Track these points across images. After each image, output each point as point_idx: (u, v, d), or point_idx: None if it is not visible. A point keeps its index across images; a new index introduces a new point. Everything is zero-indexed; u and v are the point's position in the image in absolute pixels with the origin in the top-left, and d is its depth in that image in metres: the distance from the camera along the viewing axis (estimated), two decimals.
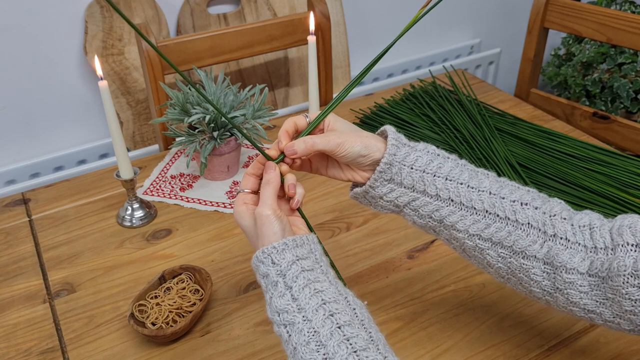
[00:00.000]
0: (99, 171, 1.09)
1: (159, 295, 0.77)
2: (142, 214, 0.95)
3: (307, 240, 0.57)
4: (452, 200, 0.58)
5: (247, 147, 1.13)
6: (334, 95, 0.88)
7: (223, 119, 0.96)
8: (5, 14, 1.19)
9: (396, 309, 0.78)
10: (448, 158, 0.60)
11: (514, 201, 0.58)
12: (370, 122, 1.21)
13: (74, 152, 1.36)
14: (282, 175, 0.61)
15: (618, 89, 1.63)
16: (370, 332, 0.51)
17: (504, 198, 0.58)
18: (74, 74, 1.31)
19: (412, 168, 0.59)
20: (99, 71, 0.83)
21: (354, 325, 0.50)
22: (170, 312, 0.75)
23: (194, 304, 0.76)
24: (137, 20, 1.31)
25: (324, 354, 0.48)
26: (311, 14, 1.01)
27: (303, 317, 0.51)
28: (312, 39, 0.99)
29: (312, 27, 0.99)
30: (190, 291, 0.78)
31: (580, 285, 0.55)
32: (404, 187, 0.60)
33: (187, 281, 0.79)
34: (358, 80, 0.62)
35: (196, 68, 1.04)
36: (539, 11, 1.30)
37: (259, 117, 1.01)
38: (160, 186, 1.03)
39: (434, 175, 0.59)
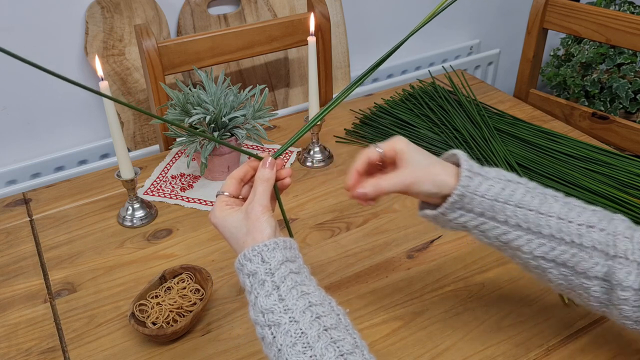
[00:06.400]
0: (99, 171, 1.09)
1: (160, 295, 0.77)
2: (142, 214, 0.95)
3: (293, 244, 0.57)
4: (519, 226, 0.59)
5: (247, 147, 1.13)
6: (334, 96, 0.88)
7: (224, 119, 0.97)
8: (6, 14, 1.19)
9: (396, 309, 0.78)
10: (519, 183, 0.61)
11: (580, 225, 0.58)
12: (370, 122, 1.21)
13: (74, 152, 1.36)
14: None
15: (617, 90, 1.63)
16: (355, 338, 0.50)
17: (571, 222, 0.59)
18: (74, 75, 1.31)
19: (483, 197, 0.59)
20: (100, 72, 0.83)
21: (340, 329, 0.50)
22: (170, 311, 0.75)
23: (195, 303, 0.76)
24: (137, 21, 1.31)
25: (311, 356, 0.47)
26: (311, 15, 1.01)
27: (290, 318, 0.50)
28: (312, 39, 0.99)
29: (312, 27, 0.99)
30: (190, 291, 0.78)
31: (634, 301, 0.56)
32: (474, 214, 0.60)
33: (188, 281, 0.80)
34: (366, 76, 0.63)
35: (196, 69, 1.04)
36: (538, 12, 1.30)
37: (259, 117, 1.01)
38: (160, 186, 1.04)
39: (505, 203, 0.59)
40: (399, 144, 0.62)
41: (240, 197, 0.62)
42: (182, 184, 1.04)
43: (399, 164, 0.62)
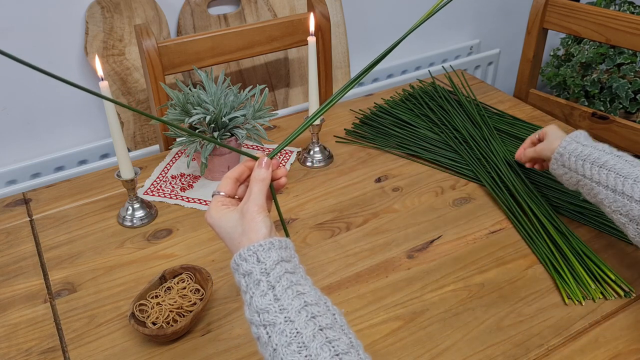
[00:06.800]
0: (99, 171, 1.09)
1: (160, 295, 0.77)
2: (142, 214, 0.95)
3: (289, 244, 0.56)
4: (600, 183, 0.76)
5: (247, 147, 1.13)
6: (336, 91, 0.88)
7: (224, 119, 0.97)
8: (6, 14, 1.19)
9: (396, 309, 0.78)
10: (610, 153, 0.78)
11: None
12: (370, 122, 1.21)
13: (74, 152, 1.36)
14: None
15: (617, 90, 1.63)
16: (350, 337, 0.50)
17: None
18: (74, 75, 1.31)
19: (576, 157, 0.80)
20: (100, 72, 0.83)
21: (335, 329, 0.50)
22: (170, 311, 0.75)
23: (195, 303, 0.76)
24: (137, 21, 1.31)
25: (306, 356, 0.47)
26: (311, 15, 1.01)
27: (285, 317, 0.50)
28: (312, 39, 0.99)
29: (312, 27, 0.99)
30: (190, 291, 0.78)
31: None
32: (569, 169, 0.81)
33: (188, 281, 0.80)
34: (366, 72, 0.63)
35: (196, 69, 1.04)
36: (538, 12, 1.30)
37: (259, 117, 1.01)
38: (160, 186, 1.04)
39: (592, 164, 0.78)
40: (547, 128, 0.90)
41: (236, 197, 0.62)
42: (182, 184, 1.04)
43: (543, 139, 0.91)
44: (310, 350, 0.47)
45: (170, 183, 1.04)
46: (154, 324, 0.74)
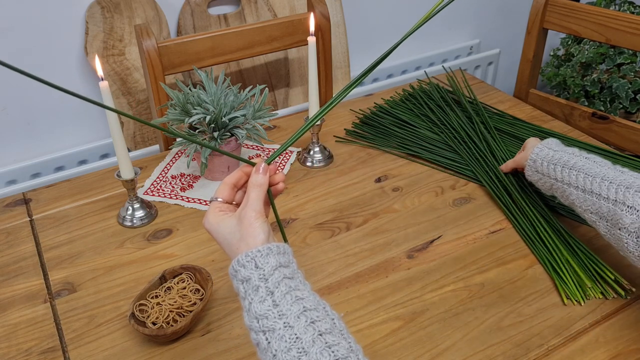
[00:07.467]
0: (99, 171, 1.09)
1: (160, 295, 0.77)
2: (142, 214, 0.95)
3: (287, 249, 0.56)
4: (570, 184, 0.79)
5: (247, 147, 1.13)
6: (334, 96, 0.88)
7: (224, 119, 0.97)
8: (6, 14, 1.19)
9: (396, 309, 0.78)
10: (579, 156, 0.81)
11: (620, 185, 0.72)
12: (370, 122, 1.21)
13: (74, 152, 1.36)
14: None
15: (617, 90, 1.63)
16: (350, 342, 0.50)
17: (611, 182, 0.73)
18: (74, 75, 1.31)
19: (548, 162, 0.83)
20: (100, 72, 0.83)
21: (334, 333, 0.50)
22: (170, 311, 0.75)
23: (195, 303, 0.76)
24: (137, 21, 1.31)
25: None
26: (311, 15, 1.01)
27: (284, 323, 0.50)
28: (312, 39, 0.99)
29: (312, 27, 0.99)
30: (190, 291, 0.78)
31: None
32: (543, 175, 0.85)
33: (188, 281, 0.80)
34: (366, 74, 0.63)
35: (196, 69, 1.04)
36: (538, 12, 1.30)
37: (259, 117, 1.01)
38: (160, 186, 1.04)
39: (562, 167, 0.81)
40: (528, 140, 0.94)
41: (233, 202, 0.62)
42: (182, 184, 1.04)
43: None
44: (310, 355, 0.47)
45: (170, 183, 1.04)
46: (154, 324, 0.74)
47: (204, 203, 0.99)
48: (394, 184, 1.04)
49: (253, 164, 0.61)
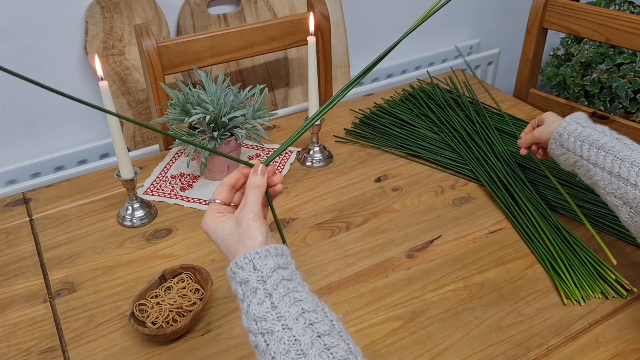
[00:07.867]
0: (99, 171, 1.09)
1: (160, 295, 0.77)
2: (142, 214, 0.95)
3: (285, 251, 0.56)
4: (597, 165, 0.76)
5: (247, 147, 1.13)
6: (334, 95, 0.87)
7: (224, 119, 0.97)
8: (6, 14, 1.19)
9: (396, 309, 0.78)
10: (610, 136, 0.77)
11: None
12: (370, 122, 1.21)
13: (74, 152, 1.36)
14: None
15: (617, 90, 1.63)
16: (349, 344, 0.50)
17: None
18: (74, 75, 1.31)
19: (575, 138, 0.80)
20: (100, 72, 0.83)
21: (333, 335, 0.50)
22: (170, 311, 0.75)
23: (195, 303, 0.76)
24: (137, 21, 1.31)
25: None
26: (311, 15, 1.01)
27: (283, 325, 0.49)
28: (312, 39, 0.99)
29: (312, 27, 0.99)
30: (190, 291, 0.78)
31: None
32: (568, 150, 0.81)
33: (188, 281, 0.80)
34: (365, 74, 0.63)
35: (196, 69, 1.04)
36: (538, 12, 1.30)
37: (259, 117, 1.01)
38: (160, 186, 1.04)
39: (590, 145, 0.77)
40: (545, 114, 0.91)
41: (232, 204, 0.62)
42: (182, 184, 1.04)
43: (541, 125, 0.90)
44: (309, 357, 0.47)
45: (170, 183, 1.04)
46: (154, 324, 0.74)
47: (204, 203, 0.99)
48: (394, 184, 1.04)
49: (252, 166, 0.60)
